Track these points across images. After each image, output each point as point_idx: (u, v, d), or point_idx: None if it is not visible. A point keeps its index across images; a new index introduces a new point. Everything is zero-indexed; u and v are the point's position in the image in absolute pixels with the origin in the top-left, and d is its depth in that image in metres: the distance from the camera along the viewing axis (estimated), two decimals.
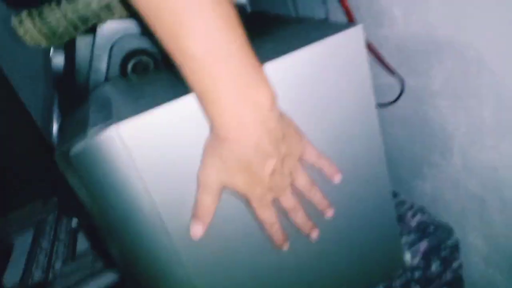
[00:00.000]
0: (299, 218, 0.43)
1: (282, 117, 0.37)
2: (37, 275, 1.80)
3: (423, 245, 0.61)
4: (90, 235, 0.61)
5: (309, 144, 0.42)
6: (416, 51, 0.53)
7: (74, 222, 0.56)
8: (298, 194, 0.43)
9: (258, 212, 0.40)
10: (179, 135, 0.38)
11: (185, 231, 0.41)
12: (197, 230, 0.40)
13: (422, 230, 0.64)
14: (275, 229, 0.42)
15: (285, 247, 0.45)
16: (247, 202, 0.40)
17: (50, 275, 1.77)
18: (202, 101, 0.34)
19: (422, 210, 0.68)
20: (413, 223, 0.66)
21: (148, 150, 0.37)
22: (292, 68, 0.40)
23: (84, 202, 0.41)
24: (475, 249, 0.61)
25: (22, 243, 2.06)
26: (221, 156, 0.36)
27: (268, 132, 0.35)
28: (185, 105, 0.36)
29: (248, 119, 0.34)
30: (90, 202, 0.40)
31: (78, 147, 0.36)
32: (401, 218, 0.67)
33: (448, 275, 0.65)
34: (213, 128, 0.35)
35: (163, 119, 0.37)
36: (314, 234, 0.46)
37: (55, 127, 0.59)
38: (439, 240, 0.62)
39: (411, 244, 0.62)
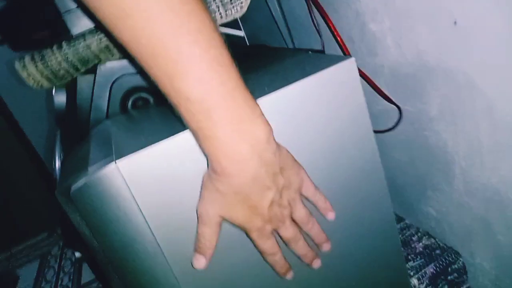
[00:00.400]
0: (300, 247, 0.43)
1: (279, 149, 0.38)
2: None
3: (430, 269, 0.61)
4: (94, 267, 0.60)
5: (306, 177, 0.42)
6: (411, 77, 0.54)
7: (79, 254, 0.55)
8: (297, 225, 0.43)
9: (258, 243, 0.40)
10: (178, 170, 0.38)
11: (186, 264, 0.41)
12: (200, 263, 0.40)
13: (429, 254, 0.63)
14: (277, 258, 0.42)
15: (289, 276, 0.45)
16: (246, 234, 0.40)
17: None
18: (198, 138, 0.34)
19: (427, 234, 0.67)
20: (419, 247, 0.65)
21: (147, 186, 0.37)
22: (289, 101, 0.41)
23: (86, 237, 0.41)
24: (483, 271, 0.60)
25: (27, 275, 2.05)
26: (218, 190, 0.36)
27: (265, 164, 0.35)
28: (183, 140, 0.37)
29: (244, 153, 0.34)
30: (91, 238, 0.41)
31: (78, 184, 0.36)
32: (406, 243, 0.67)
33: None
34: (210, 164, 0.36)
35: (161, 155, 0.37)
36: (316, 264, 0.46)
37: (57, 163, 0.60)
38: (446, 264, 0.61)
39: (418, 269, 0.61)
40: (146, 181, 0.38)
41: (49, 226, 2.34)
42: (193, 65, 0.31)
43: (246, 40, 0.78)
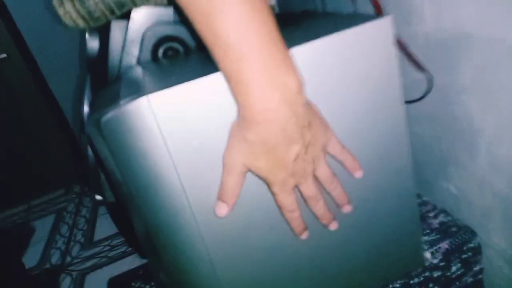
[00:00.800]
0: (319, 207, 0.43)
1: (309, 105, 0.38)
2: (54, 258, 1.85)
3: (445, 245, 0.61)
4: (112, 214, 0.62)
5: (333, 136, 0.42)
6: (444, 47, 0.53)
7: (99, 197, 0.57)
8: (319, 184, 0.43)
9: (279, 197, 0.41)
10: (208, 111, 0.39)
11: (207, 206, 0.42)
12: (222, 211, 0.41)
13: (444, 231, 0.63)
14: (295, 216, 0.43)
15: (304, 236, 0.45)
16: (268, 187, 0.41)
17: (67, 260, 1.81)
18: (231, 82, 0.35)
19: (444, 211, 0.67)
20: (435, 223, 0.65)
21: (177, 123, 0.38)
22: (320, 55, 0.41)
23: (111, 173, 0.42)
24: (499, 252, 0.60)
25: (43, 228, 2.12)
26: (246, 139, 0.37)
27: (294, 116, 0.35)
28: (216, 81, 0.37)
29: (275, 102, 0.34)
30: (116, 171, 0.42)
31: (109, 114, 0.37)
32: (422, 219, 0.66)
33: (468, 279, 0.64)
34: (240, 111, 0.36)
35: (193, 94, 0.38)
36: (333, 226, 0.46)
37: (86, 108, 0.61)
38: (461, 242, 0.61)
39: (432, 244, 0.61)
40: (176, 119, 0.38)
41: (67, 184, 2.40)
42: (232, 5, 0.31)
43: (277, 8, 0.77)
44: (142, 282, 1.53)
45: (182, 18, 0.55)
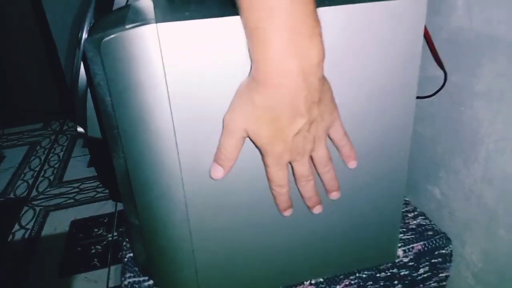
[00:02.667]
0: (309, 187, 0.42)
1: (324, 80, 0.36)
2: (20, 190, 1.81)
3: (418, 246, 0.60)
4: (92, 150, 0.59)
5: (338, 119, 0.41)
6: (468, 46, 0.51)
7: (81, 129, 0.54)
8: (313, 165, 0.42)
9: (270, 170, 0.39)
10: (219, 56, 0.36)
11: (196, 156, 0.40)
12: (218, 173, 0.40)
13: (420, 233, 0.62)
14: (283, 191, 0.42)
15: (287, 213, 0.44)
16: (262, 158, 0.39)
17: (33, 193, 1.78)
18: (252, 39, 0.33)
19: (423, 215, 0.66)
20: (413, 224, 0.64)
21: (182, 60, 0.36)
22: (350, 20, 0.39)
23: (101, 100, 0.40)
24: (468, 263, 0.60)
25: (13, 157, 2.06)
26: (253, 101, 0.35)
27: (307, 88, 0.34)
28: (234, 25, 0.35)
29: (291, 69, 0.32)
30: (107, 100, 0.39)
31: (113, 35, 0.34)
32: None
33: (432, 283, 0.64)
34: (253, 70, 0.34)
35: (206, 32, 0.35)
36: (317, 210, 0.45)
37: (85, 33, 0.57)
38: (435, 246, 0.61)
39: (407, 242, 0.61)
40: (183, 55, 0.36)
41: (46, 119, 2.34)
42: None
43: None
44: (105, 230, 1.51)
45: None
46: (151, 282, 0.55)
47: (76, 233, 1.50)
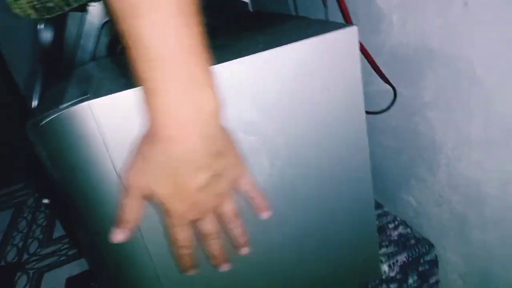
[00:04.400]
0: (214, 246, 0.39)
1: (225, 134, 0.35)
2: (11, 255, 1.77)
3: (402, 258, 0.60)
4: (62, 219, 0.59)
5: (247, 172, 0.38)
6: (410, 60, 0.52)
7: (47, 200, 0.54)
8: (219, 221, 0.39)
9: (172, 230, 0.37)
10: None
11: (151, 215, 0.40)
12: (117, 236, 0.37)
13: (403, 243, 0.63)
14: (185, 253, 0.39)
15: (191, 273, 0.41)
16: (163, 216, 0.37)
17: (24, 257, 1.74)
18: (145, 90, 0.31)
19: (404, 223, 0.67)
20: (394, 235, 0.65)
21: (119, 130, 0.36)
22: (284, 61, 0.40)
23: (52, 176, 0.40)
24: (453, 266, 0.60)
25: (0, 222, 2.02)
26: (147, 157, 0.33)
27: (205, 140, 0.32)
28: None
29: (185, 119, 0.31)
30: (57, 177, 0.39)
31: (49, 117, 0.35)
32: (382, 230, 0.66)
33: None
34: (149, 123, 0.32)
35: (136, 101, 0.35)
36: (223, 267, 0.41)
37: (35, 102, 0.58)
38: (419, 254, 0.61)
39: (390, 256, 0.61)
40: (118, 124, 0.36)
41: (27, 177, 2.31)
42: (156, 8, 0.28)
43: (250, 7, 0.75)
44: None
45: None
46: None
47: None
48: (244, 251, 0.42)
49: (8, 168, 2.25)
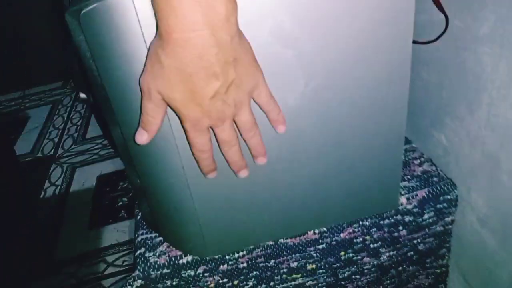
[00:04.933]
0: (232, 153, 0.40)
1: (239, 38, 0.33)
2: (46, 149, 1.89)
3: (422, 193, 0.61)
4: (98, 116, 0.61)
5: (263, 83, 0.38)
6: None
7: (83, 95, 0.55)
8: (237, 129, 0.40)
9: (189, 135, 0.37)
10: None
11: None
12: (142, 138, 0.38)
13: (425, 180, 0.63)
14: (204, 157, 0.40)
15: (211, 176, 0.43)
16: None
17: (59, 152, 1.85)
18: None
19: (430, 161, 0.66)
20: (418, 171, 0.64)
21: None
22: None
23: (88, 71, 0.40)
24: (474, 209, 0.60)
25: (37, 117, 2.13)
26: (160, 62, 0.32)
27: (217, 46, 0.31)
28: None
29: (196, 22, 0.29)
30: (94, 71, 0.39)
31: (90, 7, 0.34)
32: (406, 164, 0.66)
33: (438, 227, 0.65)
34: (158, 26, 0.31)
35: None
36: (242, 174, 0.43)
37: None
38: (439, 192, 0.61)
39: (410, 190, 0.61)
40: None
41: (65, 77, 2.37)
42: None
43: None
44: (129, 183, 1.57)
45: None
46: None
47: (103, 187, 1.57)
48: (261, 160, 0.43)
49: (46, 66, 2.31)
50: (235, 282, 0.58)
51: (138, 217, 0.63)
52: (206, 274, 0.56)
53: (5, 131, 1.89)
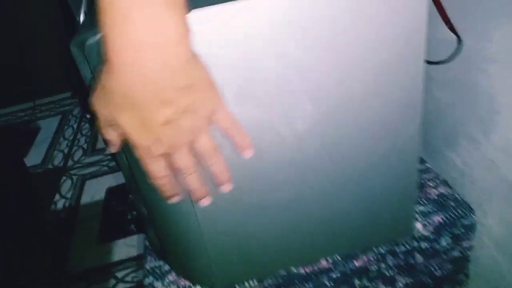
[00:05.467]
0: (191, 180, 0.38)
1: (196, 65, 0.32)
2: (57, 160, 1.89)
3: (438, 218, 0.59)
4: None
5: (223, 107, 0.36)
6: (482, 6, 0.46)
7: (90, 115, 0.54)
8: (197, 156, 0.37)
9: (142, 162, 0.35)
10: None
11: None
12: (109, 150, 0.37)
13: (441, 204, 0.60)
14: (162, 183, 0.37)
15: (174, 201, 0.40)
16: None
17: (69, 163, 1.86)
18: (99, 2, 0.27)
19: (446, 183, 0.64)
20: (433, 194, 0.62)
21: None
22: None
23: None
24: (491, 233, 0.58)
25: (47, 129, 2.14)
26: (107, 86, 0.30)
27: (168, 71, 0.29)
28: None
29: (144, 44, 0.27)
30: None
31: (94, 38, 0.34)
32: (421, 186, 0.64)
33: (455, 253, 0.63)
34: (105, 46, 0.29)
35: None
36: (204, 203, 0.40)
37: (82, 16, 0.56)
38: (456, 217, 0.59)
39: (426, 215, 0.59)
40: None
41: (72, 88, 2.39)
42: None
43: None
44: None
45: None
46: None
47: (112, 200, 1.57)
48: (226, 188, 0.40)
49: (55, 76, 2.32)
50: None
51: (146, 243, 0.62)
52: None
53: (17, 143, 1.91)
